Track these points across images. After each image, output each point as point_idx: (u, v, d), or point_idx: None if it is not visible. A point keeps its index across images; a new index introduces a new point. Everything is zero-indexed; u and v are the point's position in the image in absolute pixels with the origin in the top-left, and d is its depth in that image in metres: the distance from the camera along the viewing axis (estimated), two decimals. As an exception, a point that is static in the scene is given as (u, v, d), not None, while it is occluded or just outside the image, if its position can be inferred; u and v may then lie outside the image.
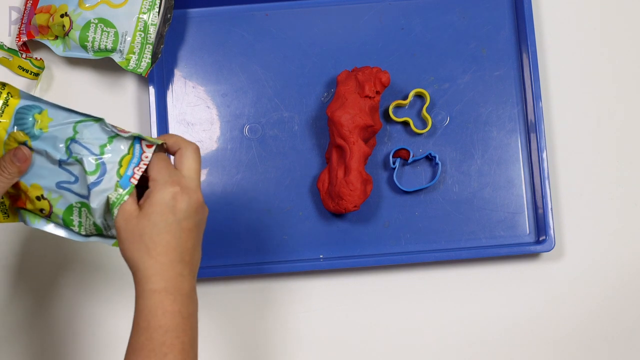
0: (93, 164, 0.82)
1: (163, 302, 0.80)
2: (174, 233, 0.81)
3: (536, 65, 1.07)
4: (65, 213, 0.86)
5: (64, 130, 0.84)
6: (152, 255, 0.80)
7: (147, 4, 1.05)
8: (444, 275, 1.08)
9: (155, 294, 0.80)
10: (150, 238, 0.80)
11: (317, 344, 1.08)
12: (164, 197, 0.81)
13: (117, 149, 0.83)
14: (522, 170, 1.08)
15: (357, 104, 1.03)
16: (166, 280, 0.80)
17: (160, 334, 0.80)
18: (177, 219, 0.81)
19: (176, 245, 0.81)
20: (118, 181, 0.82)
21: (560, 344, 1.08)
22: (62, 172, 0.85)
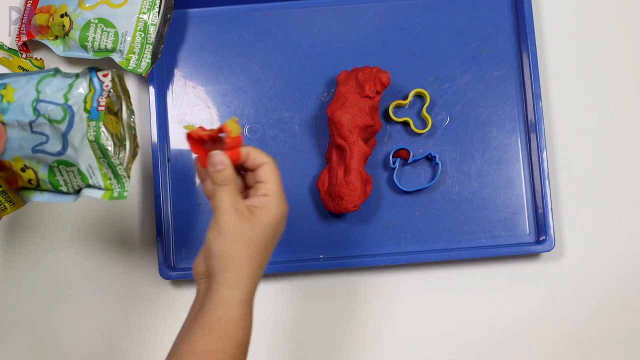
0: (60, 112, 0.84)
1: (246, 316, 0.78)
2: (270, 246, 0.81)
3: (536, 65, 1.07)
4: (49, 176, 0.87)
5: (28, 94, 0.85)
6: (253, 264, 0.79)
7: (147, 4, 1.05)
8: (444, 275, 1.08)
9: (242, 304, 0.78)
10: (258, 248, 0.79)
11: (317, 344, 1.08)
12: (279, 215, 0.80)
13: (78, 92, 0.84)
14: (522, 170, 1.08)
15: (357, 104, 1.03)
16: (251, 293, 0.79)
17: (234, 347, 0.77)
18: (277, 237, 0.81)
19: (267, 257, 0.81)
20: (87, 117, 0.83)
21: (560, 344, 1.08)
22: (35, 136, 0.85)
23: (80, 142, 0.84)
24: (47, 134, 0.85)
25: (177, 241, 1.07)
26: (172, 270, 1.05)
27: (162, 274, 1.05)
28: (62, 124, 0.84)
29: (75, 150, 0.85)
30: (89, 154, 0.85)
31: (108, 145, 0.85)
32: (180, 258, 1.07)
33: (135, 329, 1.08)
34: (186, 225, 1.07)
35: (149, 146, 1.08)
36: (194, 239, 1.07)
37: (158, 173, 1.06)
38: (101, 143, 0.84)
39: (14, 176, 0.89)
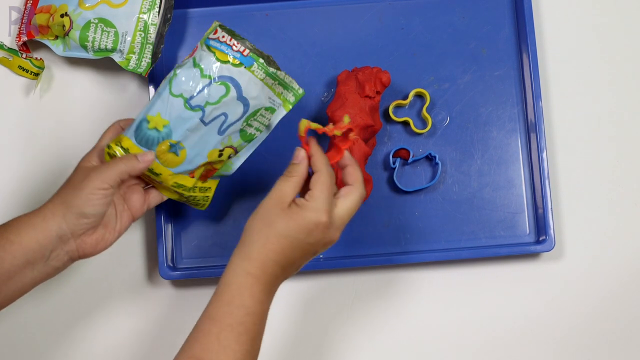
0: (219, 88, 0.90)
1: (254, 287, 0.84)
2: (294, 246, 0.85)
3: (536, 65, 1.07)
4: (242, 137, 0.95)
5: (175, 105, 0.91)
6: (267, 246, 0.84)
7: (147, 4, 1.05)
8: (444, 275, 1.08)
9: (249, 275, 0.84)
10: (277, 234, 0.84)
11: (316, 344, 1.08)
12: (310, 219, 0.85)
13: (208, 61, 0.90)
14: (522, 170, 1.08)
15: (357, 103, 1.03)
16: (263, 272, 0.84)
17: (242, 314, 0.83)
18: (306, 241, 0.85)
19: (289, 255, 0.85)
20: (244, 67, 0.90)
21: (560, 344, 1.08)
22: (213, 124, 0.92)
23: (258, 89, 0.92)
24: (222, 112, 0.91)
25: (177, 241, 1.07)
26: (172, 270, 1.05)
27: (162, 274, 1.05)
28: (230, 93, 0.90)
29: (254, 98, 0.92)
30: (266, 90, 0.93)
31: (274, 68, 0.93)
32: (180, 258, 1.07)
33: (136, 329, 1.08)
34: (186, 225, 1.07)
35: (149, 146, 1.08)
36: (194, 239, 1.07)
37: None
38: (270, 72, 0.93)
39: (212, 165, 0.95)
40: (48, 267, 0.91)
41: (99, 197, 0.89)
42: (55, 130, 1.10)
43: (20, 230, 0.89)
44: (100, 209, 0.90)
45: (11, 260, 0.88)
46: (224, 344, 0.82)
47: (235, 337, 0.82)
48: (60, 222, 0.89)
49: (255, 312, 0.84)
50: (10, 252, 0.88)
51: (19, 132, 1.10)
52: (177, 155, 0.93)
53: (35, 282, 0.91)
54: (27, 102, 1.10)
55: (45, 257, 0.90)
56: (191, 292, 1.08)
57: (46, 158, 1.09)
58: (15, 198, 1.09)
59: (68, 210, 0.89)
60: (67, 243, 0.91)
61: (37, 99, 1.10)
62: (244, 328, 0.83)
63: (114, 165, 0.91)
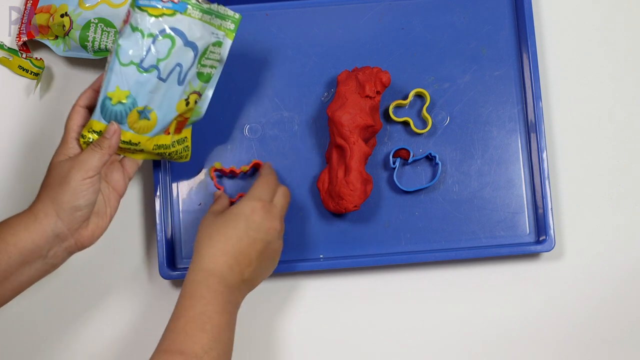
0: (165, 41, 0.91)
1: (208, 280, 0.90)
2: (238, 234, 0.92)
3: (536, 65, 1.07)
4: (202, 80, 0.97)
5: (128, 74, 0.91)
6: (212, 241, 0.92)
7: (147, 4, 1.05)
8: (444, 275, 1.08)
9: (202, 271, 0.91)
10: (217, 230, 0.93)
11: (316, 344, 1.08)
12: (245, 207, 0.94)
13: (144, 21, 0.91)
14: (522, 170, 1.08)
15: (357, 103, 1.03)
16: (214, 264, 0.91)
17: (202, 304, 0.88)
18: (247, 227, 0.93)
19: (235, 243, 0.92)
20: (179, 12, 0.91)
21: (560, 344, 1.08)
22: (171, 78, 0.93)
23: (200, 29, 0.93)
24: (176, 63, 0.93)
25: (177, 241, 1.07)
26: (172, 270, 1.05)
27: (162, 274, 1.05)
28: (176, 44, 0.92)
29: (200, 38, 0.93)
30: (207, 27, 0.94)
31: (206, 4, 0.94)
32: (180, 258, 1.07)
33: (135, 328, 1.08)
34: (186, 225, 1.07)
35: (149, 146, 1.08)
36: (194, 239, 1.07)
37: (158, 173, 1.06)
38: (205, 9, 0.93)
39: (182, 117, 0.97)
40: (46, 264, 0.91)
41: (87, 187, 0.90)
42: (55, 130, 1.09)
43: (15, 232, 0.89)
44: (91, 198, 0.91)
45: (7, 261, 0.88)
46: (190, 333, 0.87)
47: (199, 326, 0.87)
48: (55, 221, 0.90)
49: (214, 302, 0.89)
50: (6, 252, 0.88)
51: (18, 132, 1.10)
52: (148, 119, 0.93)
53: (32, 279, 0.91)
54: (27, 102, 1.10)
55: (42, 256, 0.90)
56: (191, 292, 1.08)
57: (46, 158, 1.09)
58: (15, 198, 1.09)
59: (60, 208, 0.89)
60: (65, 240, 0.91)
61: (37, 99, 1.10)
62: (206, 317, 0.88)
63: (91, 151, 0.91)
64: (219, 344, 0.87)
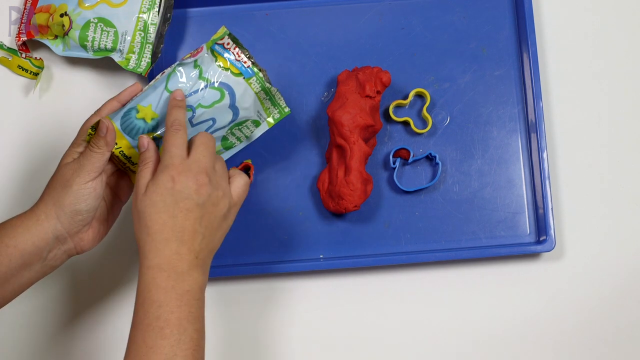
0: (214, 93, 0.91)
1: (156, 278, 0.83)
2: (171, 213, 0.85)
3: (536, 64, 1.07)
4: (223, 144, 0.97)
5: (167, 100, 0.90)
6: (150, 233, 0.84)
7: (147, 4, 1.05)
8: (444, 275, 1.08)
9: (149, 270, 0.84)
10: (150, 217, 0.85)
11: (317, 344, 1.07)
12: (164, 178, 0.85)
13: (210, 65, 0.91)
14: (523, 170, 1.08)
15: (357, 103, 1.03)
16: (160, 257, 0.84)
17: (154, 309, 0.82)
18: (175, 200, 0.85)
19: (173, 225, 0.84)
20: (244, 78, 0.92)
21: (561, 344, 1.08)
22: (199, 126, 0.92)
23: (251, 101, 0.93)
24: (211, 117, 0.92)
25: (177, 241, 1.07)
26: (172, 270, 1.05)
27: (162, 273, 1.04)
28: (223, 100, 0.91)
29: (245, 109, 0.93)
30: (257, 103, 0.95)
31: (269, 84, 0.94)
32: (180, 258, 1.07)
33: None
34: (186, 225, 1.07)
35: (149, 146, 1.08)
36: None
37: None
38: (266, 87, 0.95)
39: None
40: (45, 267, 0.91)
41: (89, 191, 0.89)
42: (55, 130, 1.09)
43: (15, 234, 0.89)
44: (92, 204, 0.90)
45: (7, 263, 0.88)
46: (150, 344, 0.81)
47: (157, 333, 0.82)
48: (55, 223, 0.89)
49: (167, 301, 0.83)
50: (7, 255, 0.88)
51: (18, 132, 1.10)
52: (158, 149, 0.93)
53: (31, 281, 0.91)
54: (27, 102, 1.10)
55: (42, 258, 0.90)
56: (191, 292, 1.08)
57: (45, 158, 1.09)
58: (14, 198, 1.09)
59: (61, 210, 0.89)
60: (64, 243, 0.91)
61: (36, 99, 1.10)
62: (162, 321, 0.82)
63: (89, 152, 0.90)
64: (184, 343, 0.82)
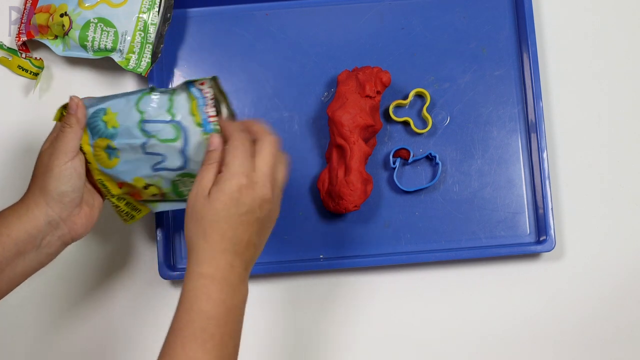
0: (171, 131, 0.87)
1: (208, 288, 0.81)
2: (232, 224, 0.82)
3: (536, 64, 1.07)
4: (173, 189, 0.92)
5: (131, 116, 0.88)
6: (208, 240, 0.82)
7: (147, 4, 1.05)
8: (444, 275, 1.08)
9: (202, 278, 0.82)
10: (210, 224, 0.82)
11: (317, 344, 1.07)
12: (231, 188, 0.82)
13: (181, 104, 0.87)
14: (523, 170, 1.08)
15: (357, 103, 1.03)
16: (215, 268, 0.82)
17: (202, 319, 0.81)
18: (239, 212, 0.82)
19: (232, 236, 0.82)
20: (202, 131, 0.86)
21: (561, 344, 1.08)
22: (150, 157, 0.89)
23: (201, 155, 0.87)
24: (163, 153, 0.88)
25: (177, 241, 1.07)
26: (172, 270, 1.05)
27: (162, 274, 1.05)
28: (176, 142, 0.87)
29: (197, 163, 0.87)
30: None
31: None
32: (180, 258, 1.07)
33: (135, 329, 1.07)
34: (186, 225, 1.07)
35: (149, 146, 1.08)
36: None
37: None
38: None
39: (137, 191, 0.92)
40: (40, 254, 0.90)
41: (70, 172, 0.89)
42: (55, 130, 1.10)
43: (8, 223, 0.89)
44: (76, 183, 0.89)
45: (1, 252, 0.88)
46: (190, 354, 0.79)
47: (199, 345, 0.80)
48: (45, 209, 0.89)
49: (216, 315, 0.81)
50: (0, 244, 0.88)
51: (18, 131, 1.10)
52: (109, 158, 0.90)
53: (26, 271, 0.91)
54: (27, 102, 1.10)
55: (36, 246, 0.90)
56: (191, 292, 1.08)
57: (46, 158, 1.09)
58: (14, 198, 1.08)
59: (48, 196, 0.89)
60: (58, 228, 0.90)
61: (36, 99, 1.10)
62: (208, 334, 0.80)
63: (62, 132, 0.89)
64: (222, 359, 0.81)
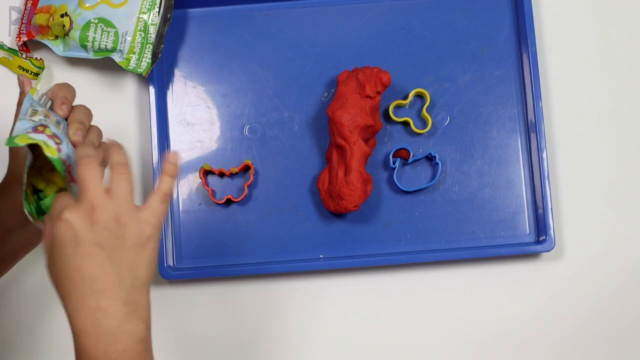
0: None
1: (85, 345, 0.75)
2: (74, 267, 0.75)
3: (536, 65, 1.07)
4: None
5: None
6: (64, 295, 0.75)
7: (147, 4, 1.05)
8: (444, 275, 1.08)
9: (76, 335, 0.75)
10: (59, 278, 0.75)
11: (317, 344, 1.08)
12: (56, 236, 0.75)
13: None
14: (522, 170, 1.08)
15: (357, 103, 1.03)
16: (83, 320, 0.75)
17: None
18: (73, 251, 0.75)
19: (81, 279, 0.74)
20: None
21: (560, 344, 1.08)
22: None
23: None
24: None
25: (177, 241, 1.07)
26: (172, 270, 1.05)
27: (163, 273, 1.05)
28: None
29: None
30: None
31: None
32: (180, 258, 1.07)
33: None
34: (186, 225, 1.07)
35: (149, 146, 1.08)
36: (194, 239, 1.07)
37: (158, 173, 1.06)
38: None
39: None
40: (26, 232, 0.90)
41: None
42: (55, 130, 1.10)
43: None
44: None
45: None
46: None
47: None
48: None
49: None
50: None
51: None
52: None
53: (16, 250, 0.90)
54: (27, 102, 1.10)
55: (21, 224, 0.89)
56: (191, 292, 1.08)
57: (46, 158, 1.09)
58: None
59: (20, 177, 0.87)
60: None
61: (37, 99, 1.10)
62: None
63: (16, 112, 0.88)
64: None
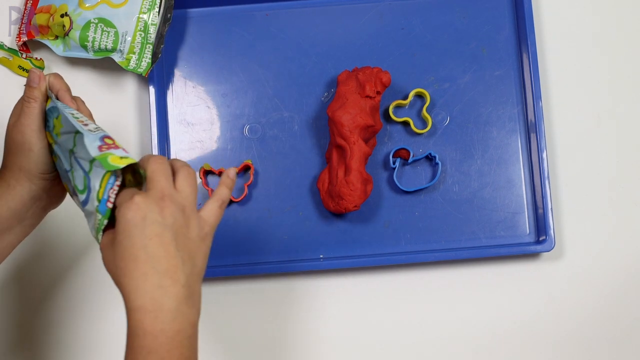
0: (82, 182, 0.82)
1: (143, 322, 0.76)
2: (140, 246, 0.77)
3: (536, 65, 1.07)
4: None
5: (68, 141, 0.84)
6: (126, 273, 0.77)
7: (147, 4, 1.05)
8: (444, 275, 1.08)
9: (133, 312, 0.77)
10: (122, 258, 0.77)
11: (317, 344, 1.08)
12: (124, 217, 0.77)
13: (97, 172, 0.80)
14: (522, 170, 1.08)
15: (357, 103, 1.03)
16: (143, 296, 0.77)
17: (143, 356, 0.76)
18: (142, 232, 0.77)
19: (146, 258, 0.77)
20: (97, 206, 0.80)
21: (560, 344, 1.08)
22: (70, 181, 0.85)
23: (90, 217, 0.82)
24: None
25: (177, 241, 1.07)
26: (172, 270, 1.05)
27: (162, 273, 1.05)
28: (82, 195, 0.82)
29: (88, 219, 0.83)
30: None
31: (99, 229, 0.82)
32: (180, 258, 1.07)
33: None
34: (186, 225, 1.07)
35: (149, 146, 1.08)
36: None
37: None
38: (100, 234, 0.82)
39: None
40: (25, 226, 0.90)
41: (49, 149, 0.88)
42: (55, 130, 1.10)
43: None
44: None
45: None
46: None
47: None
48: (28, 185, 0.88)
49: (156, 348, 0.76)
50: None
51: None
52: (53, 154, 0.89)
53: (12, 244, 0.91)
54: (27, 102, 1.10)
55: (21, 219, 0.89)
56: (191, 292, 1.08)
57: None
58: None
59: (30, 173, 0.88)
60: (40, 199, 0.90)
61: (37, 99, 1.10)
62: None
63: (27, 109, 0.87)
64: None
